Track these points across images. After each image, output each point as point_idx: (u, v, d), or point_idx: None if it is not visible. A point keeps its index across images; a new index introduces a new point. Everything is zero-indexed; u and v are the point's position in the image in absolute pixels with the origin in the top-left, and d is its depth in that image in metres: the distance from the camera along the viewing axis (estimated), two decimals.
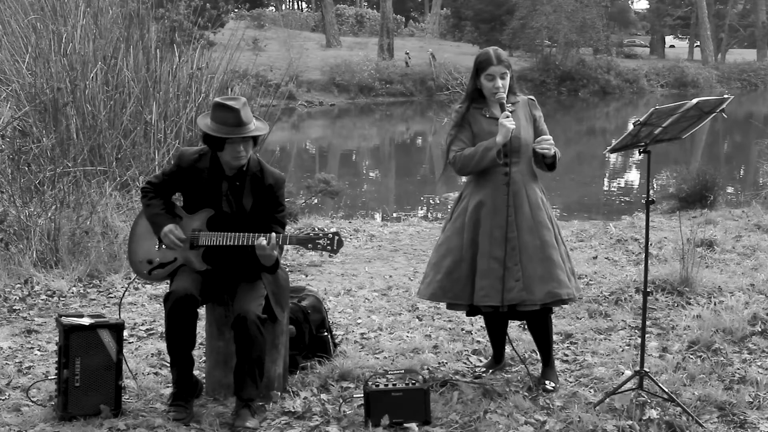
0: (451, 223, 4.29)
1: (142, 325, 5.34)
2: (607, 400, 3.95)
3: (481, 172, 4.16)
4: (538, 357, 4.50)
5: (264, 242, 3.78)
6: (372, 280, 6.68)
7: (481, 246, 4.12)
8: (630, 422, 3.74)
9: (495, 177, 4.14)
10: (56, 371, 3.90)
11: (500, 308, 4.12)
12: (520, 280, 4.06)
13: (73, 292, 6.13)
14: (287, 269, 6.06)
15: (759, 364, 4.59)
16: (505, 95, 4.12)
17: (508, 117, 4.06)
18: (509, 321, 4.50)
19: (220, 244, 3.88)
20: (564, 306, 5.50)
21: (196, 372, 4.07)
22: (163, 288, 6.07)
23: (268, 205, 3.97)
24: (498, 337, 4.50)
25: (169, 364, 4.09)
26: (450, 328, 5.29)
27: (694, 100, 3.82)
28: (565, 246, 4.28)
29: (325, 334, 4.66)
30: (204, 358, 4.36)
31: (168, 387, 4.16)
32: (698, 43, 53.26)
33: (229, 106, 3.83)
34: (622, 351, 4.82)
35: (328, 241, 3.81)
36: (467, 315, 4.50)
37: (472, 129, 4.20)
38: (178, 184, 4.05)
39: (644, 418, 3.79)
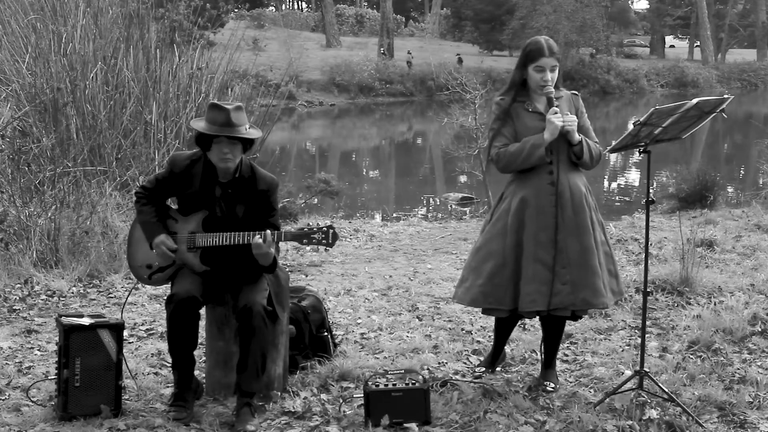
0: (491, 224, 4.08)
1: (142, 325, 5.34)
2: (607, 400, 3.95)
3: (525, 170, 3.98)
4: (538, 357, 4.50)
5: (260, 240, 3.78)
6: (372, 280, 6.68)
7: (525, 249, 3.93)
8: (630, 422, 3.74)
9: (540, 176, 3.96)
10: (56, 371, 3.90)
11: (540, 312, 3.99)
12: (567, 283, 3.91)
13: (73, 292, 6.13)
14: (287, 269, 6.06)
15: (759, 364, 4.59)
16: (553, 90, 3.94)
17: (556, 113, 3.86)
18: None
19: (217, 245, 3.88)
20: None
21: (196, 372, 4.07)
22: (163, 288, 6.06)
23: (262, 209, 3.96)
24: (505, 337, 4.46)
25: (169, 365, 4.09)
26: (450, 328, 5.29)
27: (694, 100, 3.81)
28: (608, 245, 4.12)
29: (325, 334, 4.65)
30: (204, 358, 4.36)
31: (168, 387, 4.16)
32: (698, 43, 53.30)
33: (219, 105, 3.85)
34: (622, 351, 4.81)
35: (323, 235, 3.81)
36: (503, 319, 4.27)
37: (515, 124, 4.01)
38: (171, 188, 4.04)
39: (644, 418, 3.79)
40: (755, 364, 4.57)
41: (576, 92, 4.20)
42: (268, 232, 3.79)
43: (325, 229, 3.81)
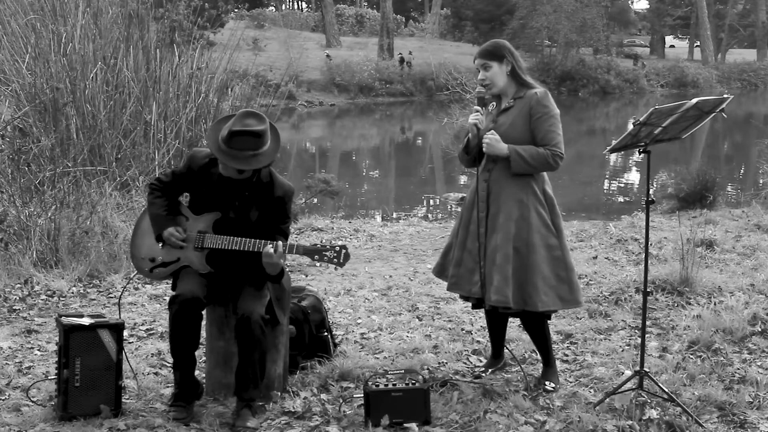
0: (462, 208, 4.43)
1: (142, 325, 5.34)
2: (607, 400, 3.95)
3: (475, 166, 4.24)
4: (538, 357, 4.50)
5: (271, 250, 3.77)
6: (372, 280, 6.68)
7: (459, 236, 4.26)
8: (630, 422, 3.74)
9: (480, 174, 4.20)
10: (56, 371, 3.90)
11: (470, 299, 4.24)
12: (482, 278, 4.09)
13: (73, 292, 6.13)
14: (287, 270, 6.06)
15: (759, 364, 4.59)
16: (484, 90, 4.15)
17: (476, 112, 4.11)
18: (509, 319, 4.49)
19: (225, 248, 3.88)
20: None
21: (196, 372, 4.06)
22: (163, 288, 6.07)
23: (275, 215, 3.96)
24: (496, 332, 4.48)
25: (169, 364, 4.08)
26: (450, 328, 5.29)
27: (694, 100, 3.82)
28: (561, 250, 4.07)
29: (325, 334, 4.66)
30: (204, 358, 4.36)
31: (168, 387, 4.16)
32: (698, 43, 53.30)
33: (239, 131, 3.73)
34: (622, 351, 4.82)
35: (335, 254, 3.81)
36: (488, 313, 4.38)
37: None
38: (186, 185, 4.03)
39: (644, 418, 3.79)
40: (755, 364, 4.57)
41: (537, 92, 4.06)
42: (280, 243, 3.79)
43: (338, 248, 3.82)
